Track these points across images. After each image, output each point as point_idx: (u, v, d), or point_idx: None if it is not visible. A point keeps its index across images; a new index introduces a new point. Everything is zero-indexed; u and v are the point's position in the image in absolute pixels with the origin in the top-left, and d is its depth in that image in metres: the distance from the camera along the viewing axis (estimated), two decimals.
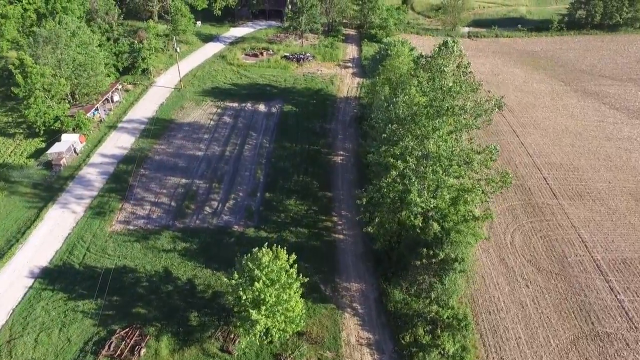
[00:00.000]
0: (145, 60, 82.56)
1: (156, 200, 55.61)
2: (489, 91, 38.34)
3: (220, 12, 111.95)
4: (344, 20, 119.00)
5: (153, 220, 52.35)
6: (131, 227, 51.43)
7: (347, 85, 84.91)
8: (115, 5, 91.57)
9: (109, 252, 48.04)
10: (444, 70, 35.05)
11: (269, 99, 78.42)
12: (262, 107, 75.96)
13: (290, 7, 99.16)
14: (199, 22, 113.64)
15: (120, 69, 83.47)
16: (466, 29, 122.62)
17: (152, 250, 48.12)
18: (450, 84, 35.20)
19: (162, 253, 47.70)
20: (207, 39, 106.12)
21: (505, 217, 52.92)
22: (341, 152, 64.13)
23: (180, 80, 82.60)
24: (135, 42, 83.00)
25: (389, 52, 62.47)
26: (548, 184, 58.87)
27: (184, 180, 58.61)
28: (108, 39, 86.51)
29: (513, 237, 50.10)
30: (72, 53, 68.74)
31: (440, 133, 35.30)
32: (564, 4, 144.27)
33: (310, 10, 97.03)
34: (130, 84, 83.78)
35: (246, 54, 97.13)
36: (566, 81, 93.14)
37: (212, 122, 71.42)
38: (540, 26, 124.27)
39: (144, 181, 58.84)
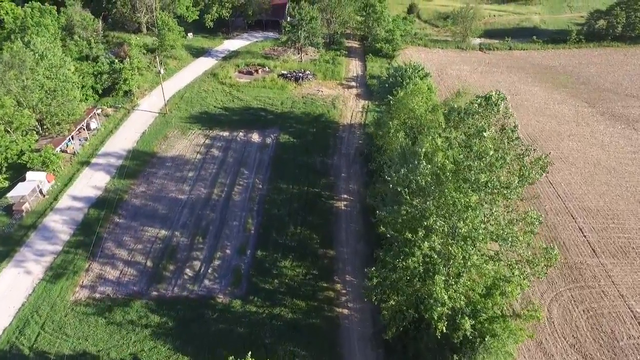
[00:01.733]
0: (127, 82, 74.37)
1: (129, 258, 47.58)
2: (534, 150, 30.17)
3: (212, 24, 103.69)
4: (347, 31, 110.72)
5: (123, 286, 44.34)
6: (97, 295, 43.47)
7: (351, 109, 76.68)
8: (94, 20, 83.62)
9: (67, 331, 40.06)
10: (484, 136, 27.01)
11: (264, 127, 70.25)
12: (255, 137, 67.79)
13: (288, 19, 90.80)
14: (190, 34, 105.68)
15: (100, 91, 75.36)
16: (477, 41, 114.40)
17: (120, 329, 40.14)
18: (491, 153, 27.21)
19: (131, 334, 39.69)
20: (199, 53, 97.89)
21: (539, 282, 44.81)
22: (345, 196, 55.98)
23: (166, 105, 74.47)
24: (116, 61, 74.79)
25: (401, 81, 54.39)
26: (585, 236, 50.77)
27: (163, 232, 50.56)
28: (87, 57, 78.57)
29: (550, 310, 42.02)
30: (39, 78, 60.77)
31: (476, 213, 27.36)
32: (578, 11, 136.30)
33: (310, 23, 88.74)
34: (111, 107, 75.75)
35: (240, 72, 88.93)
36: (590, 102, 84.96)
37: (198, 156, 63.27)
38: (556, 37, 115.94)
39: (117, 233, 50.79)
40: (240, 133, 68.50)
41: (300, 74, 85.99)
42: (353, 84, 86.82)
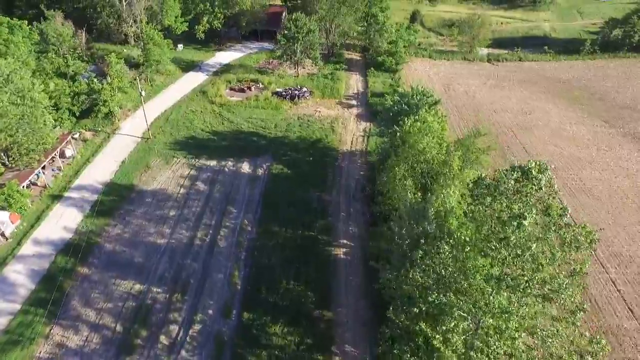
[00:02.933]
0: (107, 104, 68.03)
1: (97, 320, 41.33)
2: (584, 226, 23.94)
3: (203, 36, 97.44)
4: (347, 41, 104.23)
5: (87, 358, 38.10)
6: None
7: (351, 132, 70.33)
8: (72, 35, 77.38)
9: None
10: (524, 224, 20.87)
11: (255, 155, 63.87)
12: (245, 167, 61.44)
13: (285, 32, 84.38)
14: (180, 45, 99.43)
15: (77, 113, 69.01)
16: (485, 51, 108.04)
17: None
18: (534, 246, 21.09)
19: None
20: (188, 67, 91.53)
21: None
22: (344, 241, 49.69)
23: (149, 129, 68.19)
24: (95, 80, 68.49)
25: (408, 110, 48.23)
26: (619, 291, 44.56)
27: (137, 287, 44.29)
28: (64, 75, 72.21)
29: None
30: (3, 105, 54.41)
31: (519, 323, 21.23)
32: (590, 19, 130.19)
33: (307, 36, 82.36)
34: (89, 130, 69.47)
35: (231, 89, 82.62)
36: (609, 121, 78.72)
37: (182, 190, 56.97)
38: (568, 47, 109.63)
39: (85, 287, 44.51)
40: (229, 162, 62.13)
41: (297, 92, 79.63)
42: (353, 102, 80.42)
